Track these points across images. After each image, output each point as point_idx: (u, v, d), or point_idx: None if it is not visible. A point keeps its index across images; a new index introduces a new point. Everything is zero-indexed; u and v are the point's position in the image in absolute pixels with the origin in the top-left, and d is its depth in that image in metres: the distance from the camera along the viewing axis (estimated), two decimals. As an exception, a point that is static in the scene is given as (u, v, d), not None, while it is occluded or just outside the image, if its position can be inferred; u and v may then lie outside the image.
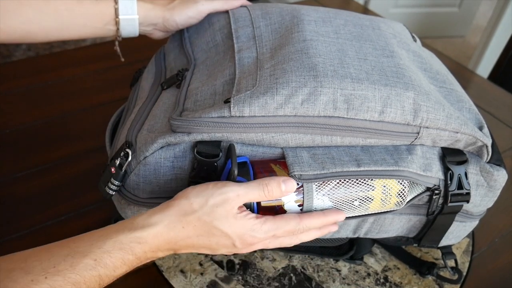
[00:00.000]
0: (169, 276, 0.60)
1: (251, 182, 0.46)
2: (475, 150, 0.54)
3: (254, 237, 0.46)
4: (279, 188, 0.46)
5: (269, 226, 0.46)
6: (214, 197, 0.44)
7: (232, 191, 0.45)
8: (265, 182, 0.46)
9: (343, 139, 0.50)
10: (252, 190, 0.45)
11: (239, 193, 0.45)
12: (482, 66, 2.10)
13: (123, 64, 0.76)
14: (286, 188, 0.46)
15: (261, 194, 0.46)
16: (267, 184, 0.46)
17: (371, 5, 2.33)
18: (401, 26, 0.66)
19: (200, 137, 0.49)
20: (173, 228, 0.44)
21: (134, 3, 0.61)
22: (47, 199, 0.68)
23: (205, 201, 0.44)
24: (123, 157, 0.51)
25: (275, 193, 0.46)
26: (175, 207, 0.44)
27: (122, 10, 0.61)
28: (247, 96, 0.48)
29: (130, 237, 0.42)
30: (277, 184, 0.46)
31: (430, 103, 0.50)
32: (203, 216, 0.44)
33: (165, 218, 0.44)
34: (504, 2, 1.95)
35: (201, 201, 0.44)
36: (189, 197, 0.45)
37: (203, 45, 0.61)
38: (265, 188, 0.46)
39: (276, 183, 0.46)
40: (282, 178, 0.47)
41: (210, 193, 0.45)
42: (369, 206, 0.51)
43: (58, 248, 0.41)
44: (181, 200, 0.45)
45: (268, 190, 0.46)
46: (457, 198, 0.54)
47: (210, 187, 0.45)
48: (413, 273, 0.64)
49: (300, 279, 0.61)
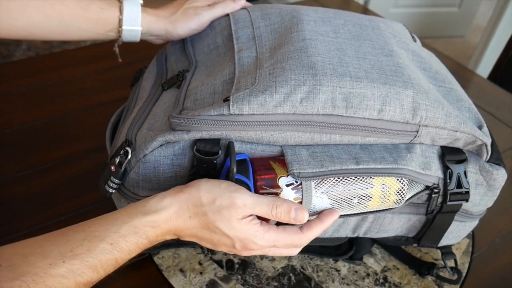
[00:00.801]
0: (169, 275, 0.60)
1: (264, 197, 0.46)
2: (475, 149, 0.54)
3: (254, 244, 0.46)
4: (289, 215, 0.46)
5: (271, 236, 0.46)
6: (222, 199, 0.44)
7: (240, 199, 0.44)
8: (278, 203, 0.46)
9: (342, 137, 0.50)
10: (261, 205, 0.45)
11: (247, 203, 0.45)
12: (482, 66, 2.10)
13: (123, 64, 0.76)
14: (296, 217, 0.46)
15: (269, 213, 0.45)
16: (278, 205, 0.45)
17: (371, 5, 2.33)
18: (400, 26, 0.66)
19: (199, 135, 0.49)
20: (181, 215, 0.44)
21: (138, 15, 0.61)
22: (47, 199, 0.68)
23: (213, 199, 0.44)
24: (123, 155, 0.51)
25: (282, 217, 0.46)
26: (185, 194, 0.45)
27: (126, 21, 0.61)
28: (246, 94, 0.48)
29: (144, 221, 0.43)
30: (287, 210, 0.46)
31: (429, 102, 0.50)
32: (209, 213, 0.44)
33: (175, 203, 0.44)
34: (504, 2, 1.95)
35: (210, 198, 0.44)
36: (200, 189, 0.45)
37: (205, 47, 0.61)
38: (274, 209, 0.45)
39: (287, 209, 0.46)
40: (296, 206, 0.46)
41: (220, 193, 0.45)
42: (368, 204, 0.51)
43: (73, 232, 0.41)
44: (192, 189, 0.45)
45: (277, 212, 0.45)
46: (456, 197, 0.54)
47: (223, 187, 0.45)
48: (412, 273, 0.63)
49: (299, 279, 0.61)
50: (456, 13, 2.55)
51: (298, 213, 0.46)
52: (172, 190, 0.45)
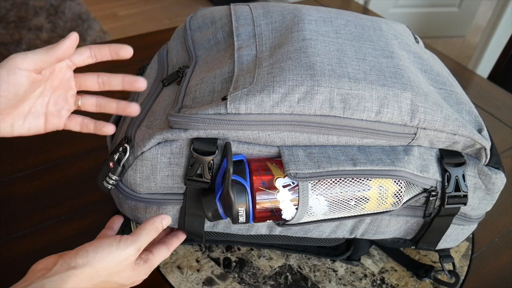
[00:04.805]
0: (166, 272, 0.60)
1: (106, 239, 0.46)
2: (474, 152, 0.54)
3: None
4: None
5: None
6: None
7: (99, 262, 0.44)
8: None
9: (340, 139, 0.50)
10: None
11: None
12: (482, 66, 2.10)
13: (123, 64, 0.77)
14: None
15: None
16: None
17: (371, 5, 2.33)
18: (403, 27, 0.65)
19: (197, 134, 0.49)
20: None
21: None
22: (47, 199, 0.68)
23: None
24: (122, 152, 0.51)
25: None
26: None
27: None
28: (244, 94, 0.48)
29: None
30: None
31: (428, 104, 0.50)
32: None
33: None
34: (504, 2, 1.95)
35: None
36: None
37: (205, 42, 0.61)
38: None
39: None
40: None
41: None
42: (365, 206, 0.51)
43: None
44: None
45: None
46: (454, 200, 0.53)
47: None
48: (410, 275, 0.63)
49: (296, 278, 0.61)
50: (456, 13, 2.55)
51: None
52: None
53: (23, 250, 0.61)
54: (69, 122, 0.51)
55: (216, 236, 0.58)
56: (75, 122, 0.51)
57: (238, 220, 0.49)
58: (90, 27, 2.35)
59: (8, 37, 2.22)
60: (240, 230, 0.57)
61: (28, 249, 0.62)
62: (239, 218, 0.49)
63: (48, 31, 2.30)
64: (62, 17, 2.40)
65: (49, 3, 2.49)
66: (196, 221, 0.54)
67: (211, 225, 0.56)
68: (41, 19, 2.37)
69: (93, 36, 2.29)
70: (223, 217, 0.51)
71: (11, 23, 2.31)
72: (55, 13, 2.42)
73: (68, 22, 2.37)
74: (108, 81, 0.50)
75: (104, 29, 2.36)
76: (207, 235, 0.58)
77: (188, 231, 0.56)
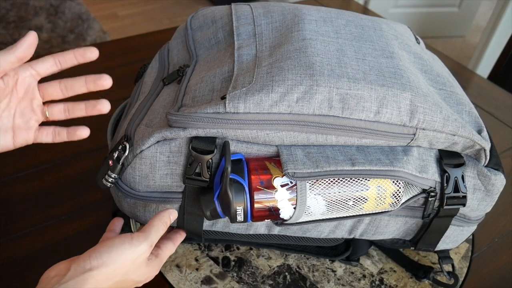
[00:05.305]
0: (165, 270, 0.60)
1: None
2: (473, 153, 0.54)
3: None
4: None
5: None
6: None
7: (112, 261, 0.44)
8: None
9: (338, 138, 0.50)
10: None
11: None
12: (482, 66, 2.10)
13: (123, 64, 0.77)
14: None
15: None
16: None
17: (371, 5, 2.33)
18: (404, 28, 0.65)
19: (196, 133, 0.49)
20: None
21: None
22: (47, 199, 0.68)
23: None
24: (121, 150, 0.51)
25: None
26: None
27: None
28: (243, 93, 0.48)
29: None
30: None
31: (427, 105, 0.50)
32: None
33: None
34: (504, 2, 1.95)
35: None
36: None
37: (206, 42, 0.61)
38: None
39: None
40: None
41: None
42: (363, 206, 0.51)
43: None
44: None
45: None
46: (453, 201, 0.53)
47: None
48: (409, 276, 0.63)
49: (295, 278, 0.61)
50: (456, 13, 2.55)
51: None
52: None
53: (23, 250, 0.61)
54: (40, 134, 0.50)
55: (215, 235, 0.58)
56: (46, 133, 0.50)
57: (236, 219, 0.49)
58: (90, 27, 2.35)
59: (8, 37, 2.22)
60: (238, 229, 0.57)
61: (28, 249, 0.62)
62: (237, 217, 0.49)
63: (48, 31, 2.30)
64: (62, 17, 2.40)
65: (49, 3, 2.49)
66: (195, 220, 0.55)
67: (210, 223, 0.56)
68: (41, 19, 2.37)
69: (93, 36, 2.29)
70: (221, 216, 0.51)
71: (11, 23, 2.31)
72: (55, 13, 2.42)
73: (68, 22, 2.37)
74: (71, 86, 0.49)
75: (104, 29, 2.36)
76: (206, 234, 0.58)
77: (187, 230, 0.56)
